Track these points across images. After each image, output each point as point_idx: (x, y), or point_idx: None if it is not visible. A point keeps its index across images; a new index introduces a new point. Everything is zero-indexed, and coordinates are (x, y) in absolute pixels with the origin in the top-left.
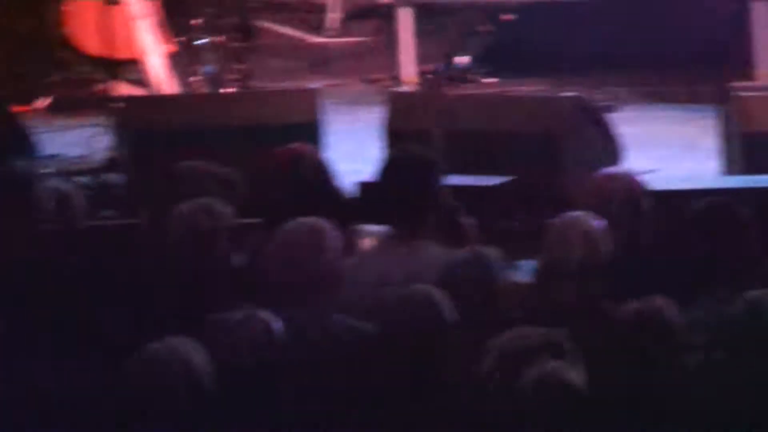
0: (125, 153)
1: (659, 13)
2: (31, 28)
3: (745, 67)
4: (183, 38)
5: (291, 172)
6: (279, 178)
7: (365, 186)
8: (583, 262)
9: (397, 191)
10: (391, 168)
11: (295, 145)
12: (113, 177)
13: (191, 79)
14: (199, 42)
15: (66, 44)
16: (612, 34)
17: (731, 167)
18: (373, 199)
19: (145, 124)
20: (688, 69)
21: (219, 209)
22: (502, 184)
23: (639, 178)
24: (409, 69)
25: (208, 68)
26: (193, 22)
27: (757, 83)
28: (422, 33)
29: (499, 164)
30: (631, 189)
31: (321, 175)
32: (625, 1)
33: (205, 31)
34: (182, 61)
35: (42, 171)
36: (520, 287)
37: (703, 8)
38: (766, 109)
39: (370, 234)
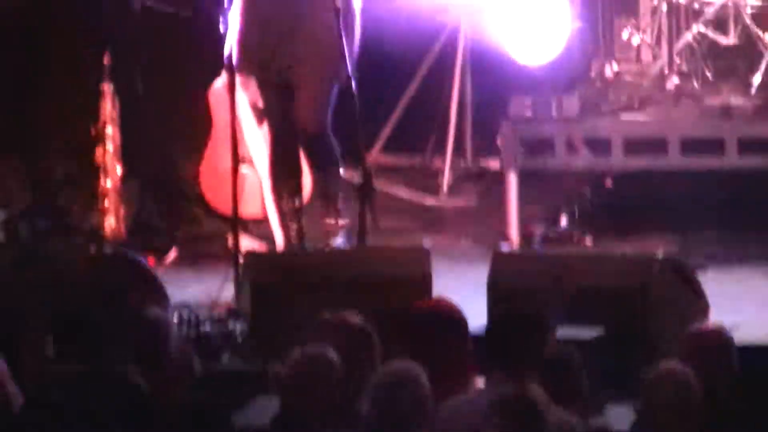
0: (247, 303)
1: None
2: (169, 186)
3: None
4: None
5: (430, 326)
6: (414, 331)
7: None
8: (677, 414)
9: (502, 345)
10: (497, 322)
11: (435, 300)
12: (236, 325)
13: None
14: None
15: (198, 202)
16: (704, 198)
17: None
18: (480, 350)
19: (266, 277)
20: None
21: (332, 357)
22: (599, 338)
23: (728, 332)
24: (514, 229)
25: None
26: None
27: None
28: (527, 195)
29: (597, 318)
30: (721, 342)
31: (461, 329)
32: (713, 174)
33: None
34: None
35: (171, 318)
36: None
37: None
38: None
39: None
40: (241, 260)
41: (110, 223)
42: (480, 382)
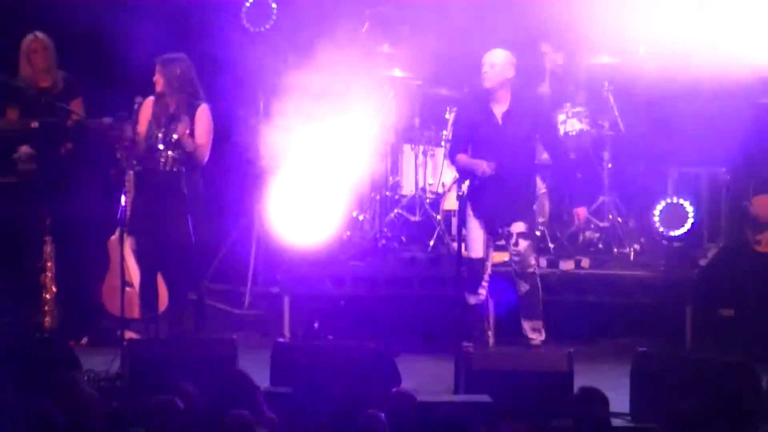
0: (128, 369)
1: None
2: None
3: None
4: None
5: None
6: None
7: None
8: None
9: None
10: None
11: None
12: (122, 384)
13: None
14: None
15: (100, 307)
16: (401, 316)
17: None
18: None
19: (141, 355)
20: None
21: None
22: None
23: (412, 393)
24: (287, 329)
25: None
26: None
27: None
28: (297, 309)
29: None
30: (408, 398)
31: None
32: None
33: None
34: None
35: (82, 378)
36: None
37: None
38: None
39: None
40: (125, 343)
41: (48, 320)
42: None
